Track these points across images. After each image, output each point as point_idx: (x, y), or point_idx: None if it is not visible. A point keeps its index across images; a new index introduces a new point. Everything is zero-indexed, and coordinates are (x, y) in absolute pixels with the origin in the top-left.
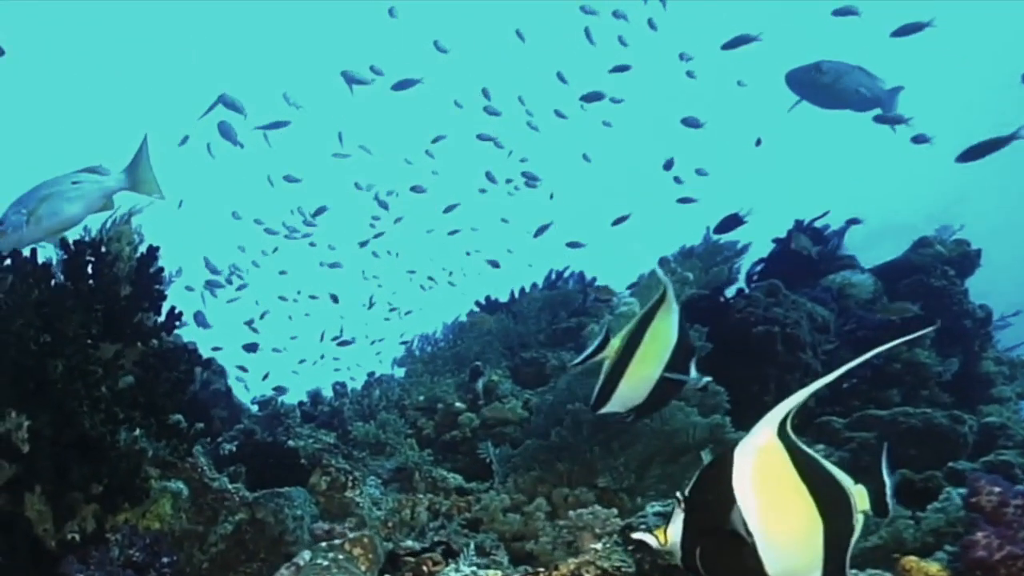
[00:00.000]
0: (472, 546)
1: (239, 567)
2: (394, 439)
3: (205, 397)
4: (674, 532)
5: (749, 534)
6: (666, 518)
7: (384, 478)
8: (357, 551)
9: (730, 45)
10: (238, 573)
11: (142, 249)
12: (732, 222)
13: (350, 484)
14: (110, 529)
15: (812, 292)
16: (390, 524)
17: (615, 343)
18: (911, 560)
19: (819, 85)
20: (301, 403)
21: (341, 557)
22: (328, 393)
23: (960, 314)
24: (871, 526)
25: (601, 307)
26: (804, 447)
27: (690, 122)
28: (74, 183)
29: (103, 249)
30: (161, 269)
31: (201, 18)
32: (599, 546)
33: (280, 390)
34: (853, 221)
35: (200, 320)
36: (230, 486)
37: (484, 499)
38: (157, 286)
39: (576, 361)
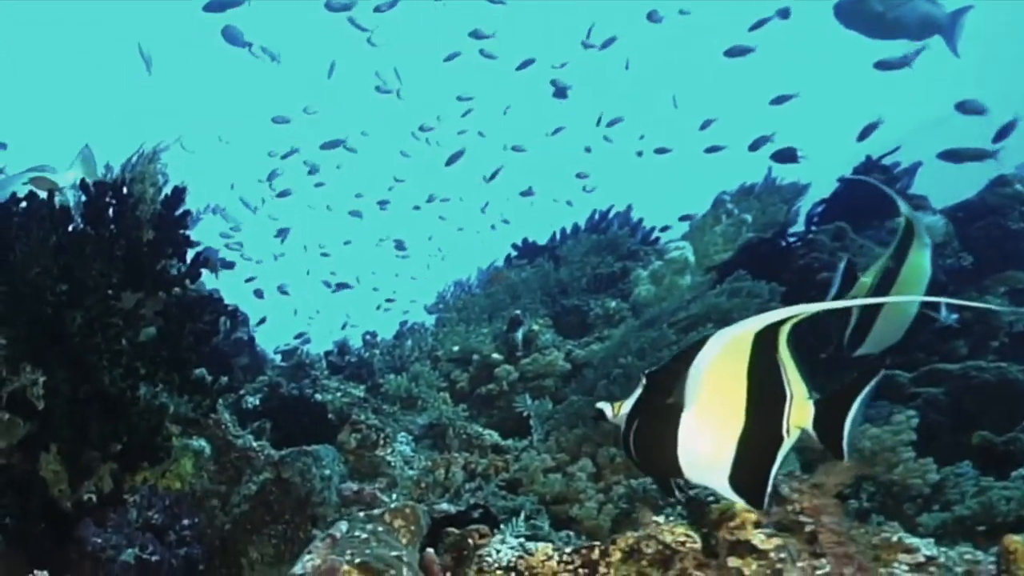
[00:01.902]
0: (522, 516)
1: (263, 529)
2: (427, 393)
3: (227, 347)
4: (627, 405)
5: (679, 412)
6: None
7: (416, 434)
8: (398, 522)
9: None
10: (262, 535)
11: (167, 191)
12: (788, 155)
13: (381, 442)
14: (128, 489)
15: (878, 235)
16: (423, 484)
17: (865, 280)
18: (1016, 542)
19: (871, 15)
20: (328, 353)
21: (380, 529)
22: (356, 342)
23: None
24: (957, 494)
25: (651, 253)
26: (778, 353)
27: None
28: (24, 184)
29: (125, 191)
30: (187, 212)
31: None
32: (661, 519)
33: (304, 339)
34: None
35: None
36: (254, 444)
37: (523, 458)
38: (182, 231)
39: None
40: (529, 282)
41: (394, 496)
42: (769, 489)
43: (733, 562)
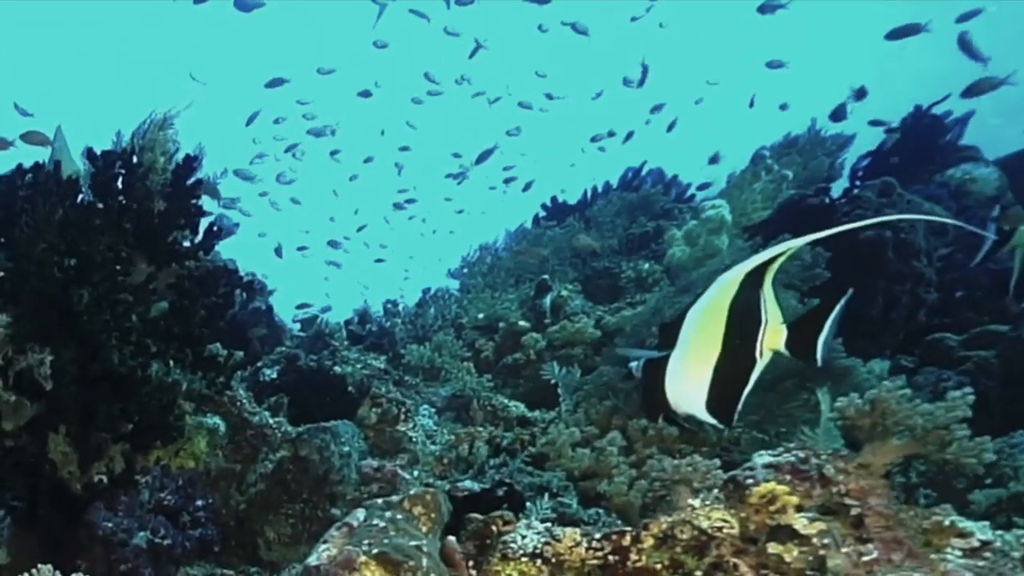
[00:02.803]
0: (546, 497)
1: (280, 509)
2: (450, 363)
3: (244, 317)
4: (644, 358)
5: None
6: (776, 468)
7: (439, 406)
8: (418, 509)
9: None
10: (279, 515)
11: (178, 159)
12: (839, 113)
13: (402, 416)
14: (141, 470)
15: (926, 189)
16: (445, 460)
17: None
18: None
19: None
20: (348, 322)
21: (400, 517)
22: (377, 310)
23: None
24: (1011, 468)
25: (684, 211)
26: (762, 289)
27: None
28: None
29: (135, 160)
30: (199, 181)
31: None
32: (697, 502)
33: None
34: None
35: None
36: (271, 420)
37: (551, 432)
38: (194, 200)
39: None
40: (557, 241)
41: (416, 473)
42: (739, 407)
43: (773, 548)
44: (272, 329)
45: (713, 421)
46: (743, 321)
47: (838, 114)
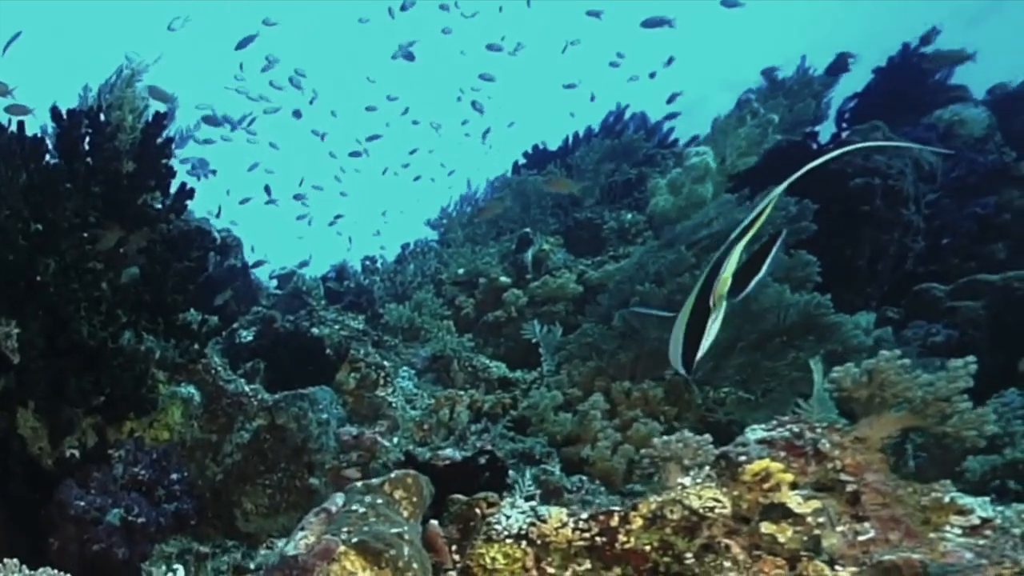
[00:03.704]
0: (528, 475)
1: (258, 479)
2: (430, 323)
3: (219, 275)
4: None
5: None
6: (770, 444)
7: (419, 368)
8: (399, 493)
9: None
10: (256, 485)
11: (147, 116)
12: (840, 64)
13: (381, 381)
14: (114, 443)
15: (914, 132)
16: (426, 426)
17: None
18: None
19: None
20: (325, 278)
21: (380, 502)
22: (355, 265)
23: None
24: (1004, 430)
25: (667, 157)
26: (735, 246)
27: None
28: None
29: (102, 118)
30: (170, 140)
31: None
32: (687, 481)
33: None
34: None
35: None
36: (247, 388)
37: (533, 395)
38: (165, 160)
39: None
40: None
41: (395, 440)
42: (698, 356)
43: (766, 528)
44: (247, 289)
45: (681, 370)
46: (708, 280)
47: (838, 66)
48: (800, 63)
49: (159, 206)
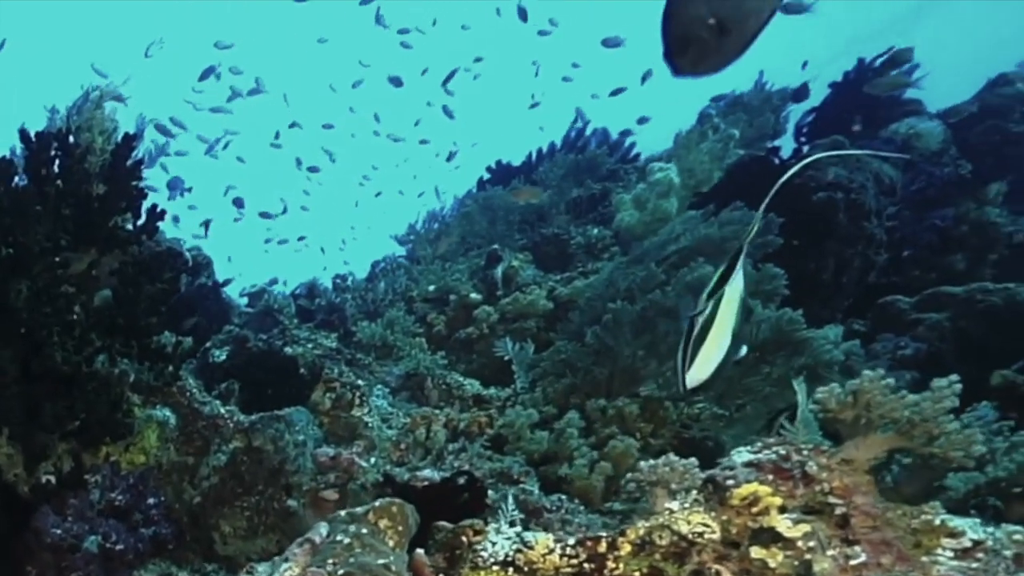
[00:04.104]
0: (511, 499)
1: (235, 502)
2: (402, 341)
3: (191, 295)
4: None
5: None
6: (757, 467)
7: (393, 386)
8: (384, 523)
9: None
10: (234, 508)
11: (116, 138)
12: (802, 91)
13: (357, 401)
14: (90, 468)
15: (872, 145)
16: (403, 446)
17: None
18: None
19: None
20: (296, 295)
21: (365, 531)
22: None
23: None
24: (994, 455)
25: (630, 172)
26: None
27: None
28: None
29: (71, 140)
30: (140, 161)
31: None
32: (675, 505)
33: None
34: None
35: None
36: (223, 410)
37: (509, 413)
38: (135, 182)
39: None
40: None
41: (373, 460)
42: (680, 367)
43: (757, 553)
44: (219, 306)
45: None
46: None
47: (800, 94)
48: (757, 78)
49: (130, 227)
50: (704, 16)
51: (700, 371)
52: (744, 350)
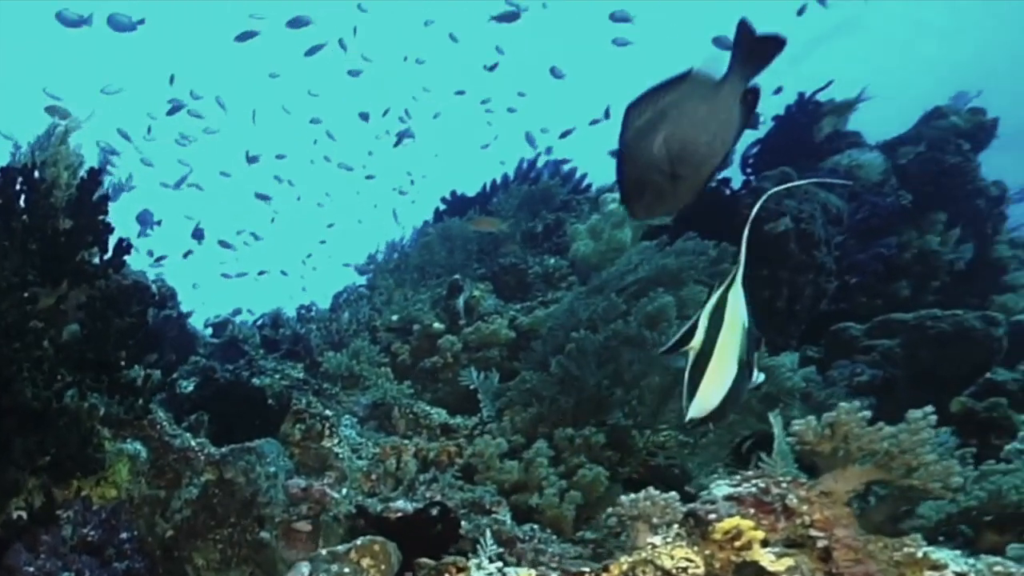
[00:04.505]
0: (489, 534)
1: (208, 534)
2: (368, 370)
3: (157, 325)
4: None
5: None
6: (739, 501)
7: (360, 416)
8: (366, 562)
9: None
10: (207, 541)
11: (82, 173)
12: (752, 122)
13: (327, 432)
14: (62, 503)
15: (818, 176)
16: (374, 476)
17: None
18: None
19: None
20: (260, 325)
21: (347, 571)
22: (289, 312)
23: (973, 193)
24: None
25: (582, 203)
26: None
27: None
28: None
29: (36, 175)
30: (106, 196)
31: None
32: (658, 540)
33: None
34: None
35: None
36: (193, 442)
37: (478, 443)
38: (101, 216)
39: None
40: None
41: (344, 491)
42: (684, 398)
43: None
44: (184, 338)
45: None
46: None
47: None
48: None
49: (97, 262)
50: (659, 163)
51: (705, 401)
52: (761, 377)
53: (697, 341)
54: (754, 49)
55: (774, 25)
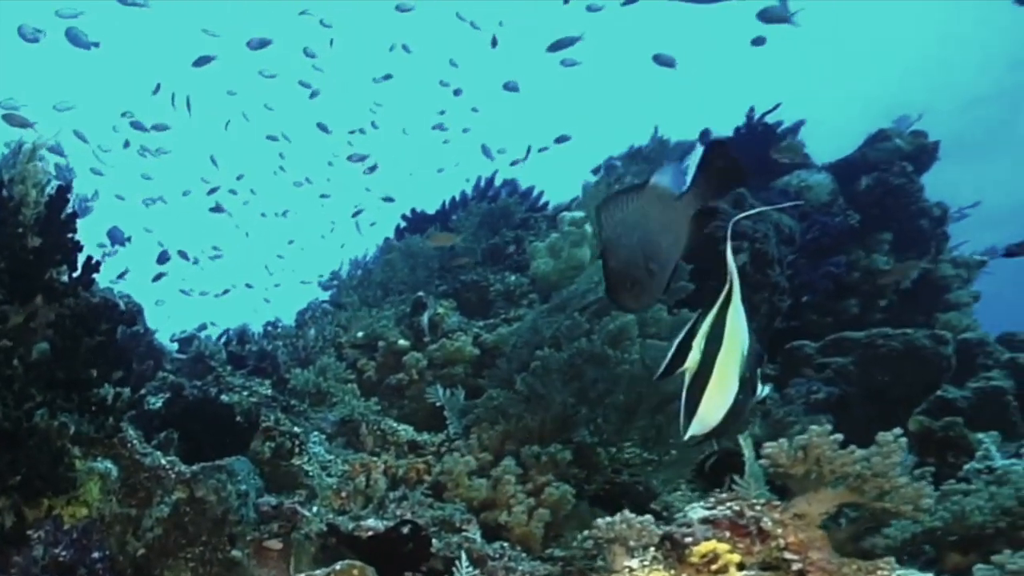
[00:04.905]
0: (464, 556)
1: (180, 552)
2: (335, 387)
3: (124, 342)
4: None
5: None
6: (714, 524)
7: (328, 432)
8: None
9: None
10: (178, 560)
11: (50, 191)
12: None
13: (296, 450)
14: (32, 523)
15: (770, 197)
16: (344, 494)
17: None
18: None
19: None
20: (227, 342)
21: None
22: (255, 327)
23: (917, 214)
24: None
25: (540, 220)
26: None
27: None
28: None
29: (4, 193)
30: (74, 214)
31: None
32: (635, 563)
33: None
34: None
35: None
36: (163, 460)
37: (447, 461)
38: (70, 234)
39: None
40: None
41: (315, 509)
42: (682, 417)
43: None
44: (152, 354)
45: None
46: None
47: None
48: (654, 132)
49: (66, 280)
50: (640, 262)
51: (707, 418)
52: (765, 391)
53: (693, 361)
54: (716, 178)
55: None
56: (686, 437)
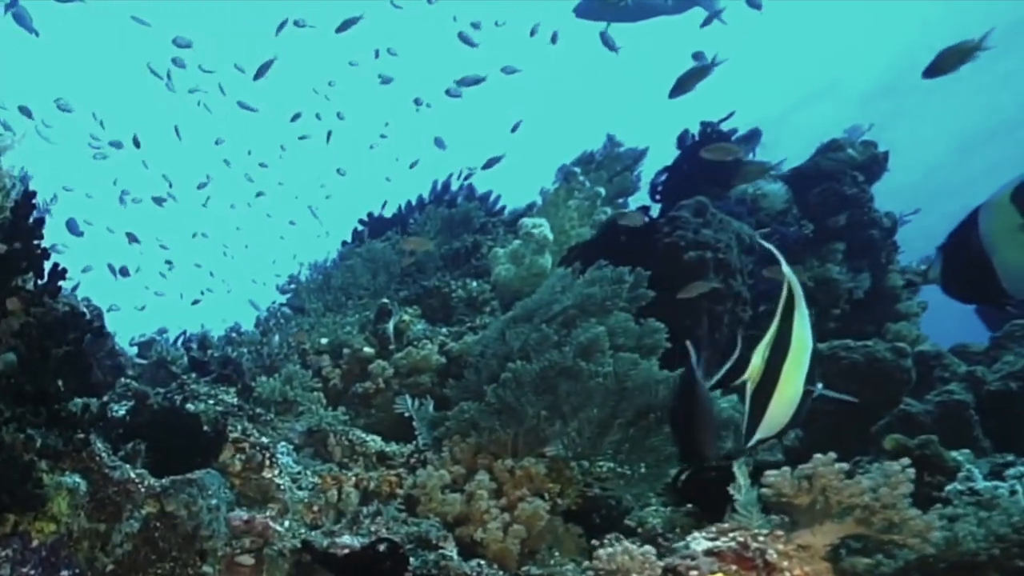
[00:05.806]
0: None
1: (150, 568)
2: (302, 396)
3: (87, 347)
4: None
5: None
6: (719, 556)
7: (296, 442)
8: None
9: None
10: (149, 575)
11: (15, 195)
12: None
13: (267, 462)
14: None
15: (728, 206)
16: (316, 508)
17: None
18: None
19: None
20: (188, 347)
21: None
22: (217, 332)
23: (868, 223)
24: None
25: (498, 226)
26: None
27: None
28: None
29: None
30: (41, 220)
31: None
32: None
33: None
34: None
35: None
36: (132, 474)
37: (420, 474)
38: (37, 241)
39: None
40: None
41: (287, 524)
42: (746, 425)
43: None
44: (113, 359)
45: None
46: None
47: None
48: (607, 139)
49: (32, 287)
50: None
51: (774, 421)
52: (819, 387)
53: (756, 370)
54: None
55: None
56: (752, 443)
